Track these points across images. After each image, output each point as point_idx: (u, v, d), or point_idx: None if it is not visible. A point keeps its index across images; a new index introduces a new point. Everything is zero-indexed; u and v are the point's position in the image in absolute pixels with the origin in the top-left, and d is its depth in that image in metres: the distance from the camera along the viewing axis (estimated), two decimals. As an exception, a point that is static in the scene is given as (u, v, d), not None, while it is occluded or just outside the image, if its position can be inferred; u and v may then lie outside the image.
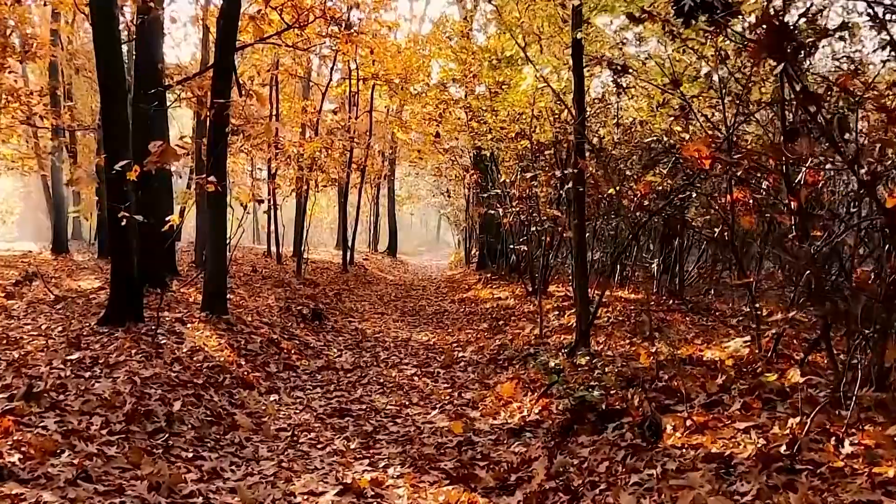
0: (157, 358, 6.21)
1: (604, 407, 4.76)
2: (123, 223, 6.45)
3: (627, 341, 7.29)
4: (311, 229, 20.12)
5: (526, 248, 13.02)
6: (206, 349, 6.99)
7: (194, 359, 6.57)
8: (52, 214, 19.77)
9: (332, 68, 18.06)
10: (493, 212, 13.82)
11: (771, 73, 5.07)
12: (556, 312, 9.75)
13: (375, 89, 20.34)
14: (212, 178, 6.54)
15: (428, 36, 19.17)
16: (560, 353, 7.15)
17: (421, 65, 18.71)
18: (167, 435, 4.67)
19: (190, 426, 4.96)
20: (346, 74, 19.51)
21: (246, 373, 6.71)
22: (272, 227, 18.41)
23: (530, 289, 12.72)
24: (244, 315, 9.16)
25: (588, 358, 6.08)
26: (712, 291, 12.07)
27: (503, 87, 12.25)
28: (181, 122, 25.37)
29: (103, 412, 4.73)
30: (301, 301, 11.72)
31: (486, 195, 16.11)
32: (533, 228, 12.59)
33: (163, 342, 6.80)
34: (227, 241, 10.45)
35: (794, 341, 6.45)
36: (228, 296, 10.16)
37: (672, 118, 6.75)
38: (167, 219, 6.49)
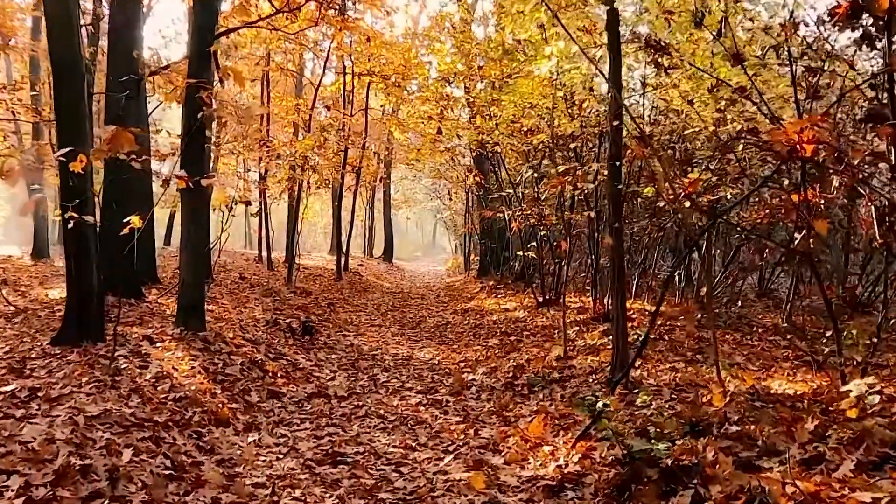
0: (111, 389, 5.15)
1: (669, 462, 3.73)
2: (70, 225, 5.39)
3: (669, 366, 6.24)
4: (304, 233, 19.08)
5: (535, 255, 12.01)
6: (175, 375, 5.93)
7: (158, 389, 5.51)
8: (33, 217, 18.66)
9: (325, 63, 17.00)
10: (499, 214, 12.79)
11: (861, 41, 4.06)
12: (577, 328, 8.71)
13: (371, 88, 19.33)
14: (181, 173, 5.47)
15: (429, 24, 18.12)
16: (591, 381, 6.13)
17: (419, 62, 17.66)
18: (107, 500, 3.61)
19: (140, 484, 3.88)
20: (341, 71, 18.47)
21: (221, 405, 5.64)
22: (263, 232, 17.38)
23: (541, 300, 11.69)
24: (225, 330, 8.09)
25: (633, 391, 5.04)
26: (738, 303, 11.08)
27: (511, 78, 11.23)
28: (173, 122, 24.30)
29: (27, 469, 3.67)
30: (291, 312, 10.65)
31: (490, 197, 15.09)
32: (543, 232, 11.58)
33: (123, 367, 5.74)
34: (210, 247, 9.42)
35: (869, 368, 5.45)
36: (210, 307, 9.11)
37: (727, 101, 5.72)
38: (125, 220, 5.41)
